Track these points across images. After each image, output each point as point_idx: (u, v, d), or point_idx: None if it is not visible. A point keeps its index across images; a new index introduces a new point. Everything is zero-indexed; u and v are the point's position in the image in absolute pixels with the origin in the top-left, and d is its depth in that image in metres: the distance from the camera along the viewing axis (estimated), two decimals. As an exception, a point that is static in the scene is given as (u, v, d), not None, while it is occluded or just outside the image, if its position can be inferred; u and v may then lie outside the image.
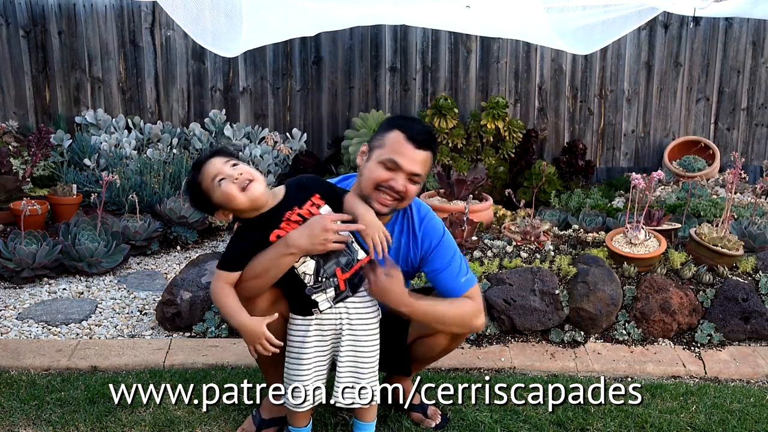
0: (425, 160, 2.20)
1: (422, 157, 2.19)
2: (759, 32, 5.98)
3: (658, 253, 3.43)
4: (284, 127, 5.86)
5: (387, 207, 2.21)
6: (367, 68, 5.83)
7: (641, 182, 3.46)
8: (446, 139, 5.57)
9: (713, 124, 6.13)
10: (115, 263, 4.02)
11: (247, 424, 2.42)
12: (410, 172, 2.18)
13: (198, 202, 2.15)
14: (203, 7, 3.91)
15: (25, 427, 2.44)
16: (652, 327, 3.27)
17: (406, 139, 2.17)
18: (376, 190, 2.19)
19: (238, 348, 3.06)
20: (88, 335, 3.27)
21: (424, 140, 2.19)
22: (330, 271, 2.09)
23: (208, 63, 5.69)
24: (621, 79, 5.99)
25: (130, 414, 2.49)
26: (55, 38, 5.51)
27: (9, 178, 4.53)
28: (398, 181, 2.17)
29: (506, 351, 3.13)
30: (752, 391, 2.83)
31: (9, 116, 5.50)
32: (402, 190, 2.18)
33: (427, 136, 2.21)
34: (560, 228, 4.33)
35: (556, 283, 3.26)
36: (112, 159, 5.07)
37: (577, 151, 5.73)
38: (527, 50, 5.88)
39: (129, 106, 5.70)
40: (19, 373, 2.83)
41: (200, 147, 5.40)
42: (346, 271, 2.11)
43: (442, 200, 4.42)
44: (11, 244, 3.82)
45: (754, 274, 3.46)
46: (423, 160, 2.19)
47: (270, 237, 2.07)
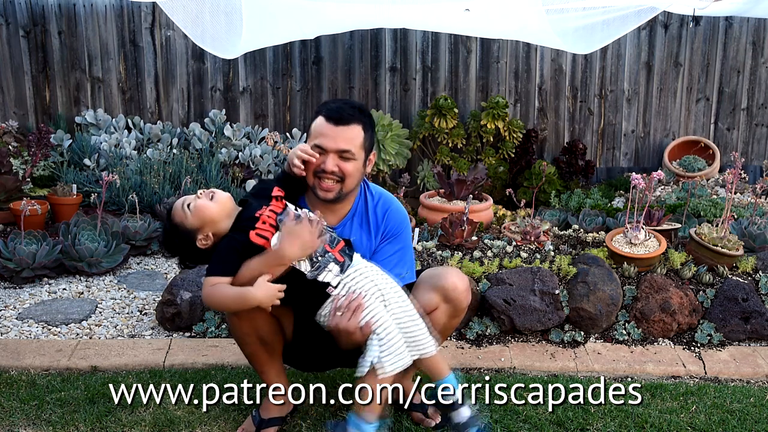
0: (350, 135, 2.21)
1: (346, 133, 2.20)
2: (759, 32, 5.98)
3: (658, 253, 3.43)
4: (284, 127, 5.86)
5: (331, 191, 2.24)
6: (367, 68, 5.83)
7: (641, 182, 3.46)
8: (446, 139, 5.57)
9: (713, 124, 6.13)
10: (115, 263, 4.02)
11: (247, 424, 2.43)
12: (336, 149, 2.20)
13: (176, 241, 2.20)
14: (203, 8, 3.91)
15: (25, 427, 2.44)
16: (652, 327, 3.27)
17: (326, 119, 2.22)
18: (316, 177, 2.24)
19: (238, 348, 3.06)
20: (88, 335, 3.27)
21: (341, 116, 2.20)
22: (320, 251, 2.12)
23: (208, 63, 5.69)
24: (621, 79, 5.99)
25: (130, 414, 2.49)
26: (55, 38, 5.51)
27: (9, 178, 4.53)
28: (327, 162, 2.20)
29: (506, 351, 3.13)
30: (752, 391, 2.83)
31: (9, 116, 5.50)
32: (334, 169, 2.21)
33: (346, 111, 2.21)
34: (560, 228, 4.33)
35: (556, 283, 3.26)
36: (112, 159, 5.07)
37: (577, 151, 5.73)
38: (527, 50, 5.88)
39: (129, 106, 5.70)
40: (19, 373, 2.83)
41: (200, 147, 5.41)
42: (335, 246, 2.16)
43: (442, 200, 4.42)
44: (11, 244, 3.82)
45: (754, 274, 3.46)
46: (348, 137, 2.20)
47: (250, 236, 2.10)
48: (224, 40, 4.12)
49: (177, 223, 2.17)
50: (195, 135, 5.48)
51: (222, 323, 3.27)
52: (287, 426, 2.45)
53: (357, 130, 2.23)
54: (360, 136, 2.24)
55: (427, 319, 2.20)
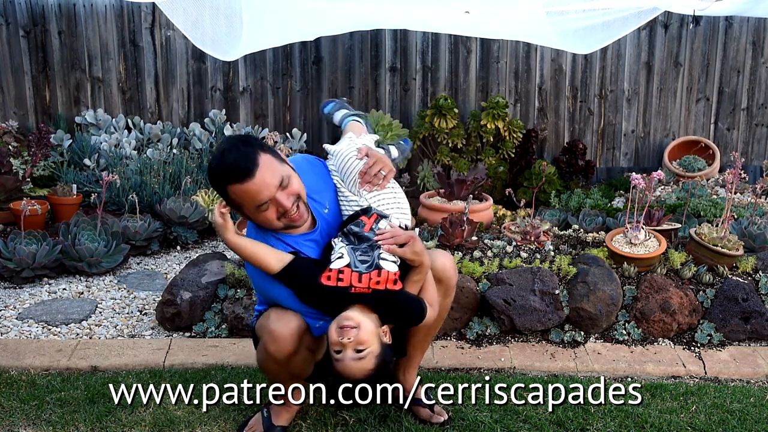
0: (264, 174, 2.07)
1: (261, 178, 2.06)
2: (759, 32, 5.98)
3: (658, 253, 3.43)
4: (284, 127, 5.86)
5: (303, 215, 2.19)
6: (367, 68, 5.83)
7: (641, 182, 3.46)
8: (446, 139, 5.57)
9: (713, 124, 6.13)
10: (115, 263, 4.02)
11: (255, 422, 2.40)
12: (271, 193, 2.09)
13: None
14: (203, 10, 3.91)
15: (25, 427, 2.44)
16: (652, 327, 3.27)
17: (238, 183, 2.07)
18: (283, 224, 2.17)
19: (238, 348, 3.06)
20: (88, 335, 3.27)
21: (245, 170, 2.05)
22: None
23: (208, 63, 5.69)
24: (621, 79, 5.99)
25: (130, 414, 2.49)
26: (55, 38, 5.51)
27: (9, 178, 4.53)
28: (281, 203, 2.11)
29: (506, 351, 3.13)
30: (752, 391, 2.83)
31: (9, 116, 5.50)
32: (289, 203, 2.13)
33: (241, 163, 2.05)
34: (560, 228, 4.33)
35: (556, 283, 3.26)
36: (112, 159, 5.07)
37: (577, 151, 5.73)
38: (527, 50, 5.88)
39: (129, 106, 5.70)
40: (19, 373, 2.83)
41: (200, 147, 5.41)
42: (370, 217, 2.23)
43: (442, 200, 4.42)
44: (11, 244, 3.82)
45: (754, 274, 3.46)
46: (264, 179, 2.07)
47: (321, 279, 2.15)
48: (224, 42, 4.12)
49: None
50: (195, 135, 5.48)
51: (222, 323, 3.27)
52: (287, 426, 2.44)
53: (264, 165, 2.08)
54: (269, 162, 2.10)
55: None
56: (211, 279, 3.39)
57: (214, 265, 3.50)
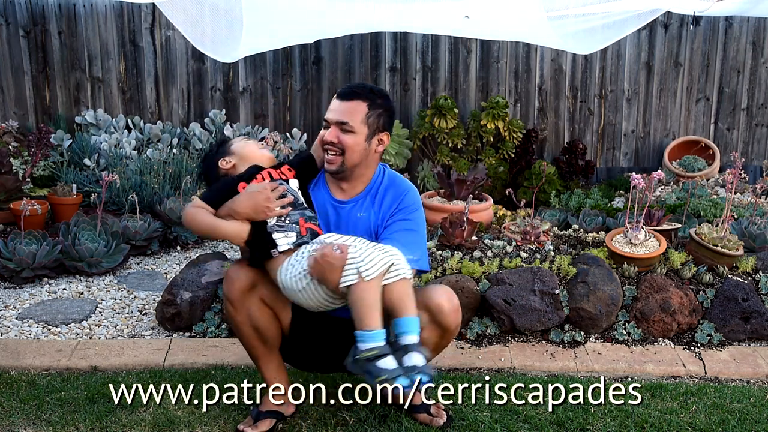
0: (349, 108, 2.33)
1: (345, 107, 2.33)
2: (759, 32, 5.98)
3: (658, 253, 3.43)
4: (284, 127, 5.86)
5: (333, 164, 2.37)
6: (367, 68, 5.83)
7: (641, 182, 3.46)
8: (446, 139, 5.57)
9: (713, 124, 6.13)
10: (115, 263, 4.02)
11: (246, 420, 2.44)
12: (335, 121, 2.34)
13: (210, 152, 2.48)
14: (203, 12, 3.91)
15: (25, 427, 2.44)
16: (652, 327, 3.27)
17: (336, 96, 2.39)
18: (324, 151, 2.39)
19: (238, 348, 3.06)
20: (88, 335, 3.27)
21: (345, 92, 2.36)
22: (294, 219, 2.27)
23: (208, 63, 5.69)
24: (621, 79, 5.99)
25: (130, 414, 2.49)
26: (55, 38, 5.51)
27: (9, 178, 4.53)
28: (328, 133, 2.35)
29: (506, 351, 3.13)
30: (752, 391, 2.83)
31: (9, 116, 5.50)
32: (333, 140, 2.34)
33: (355, 88, 2.37)
34: (560, 228, 4.33)
35: (556, 283, 3.26)
36: (112, 159, 5.07)
37: (577, 151, 5.73)
38: (527, 50, 5.88)
39: (129, 106, 5.70)
40: (19, 373, 2.83)
41: (200, 147, 5.41)
42: (308, 222, 2.29)
43: (442, 200, 4.42)
44: (11, 244, 3.82)
45: (754, 274, 3.46)
46: (346, 109, 2.33)
47: (237, 187, 2.30)
48: (224, 44, 4.12)
49: (223, 140, 2.48)
50: (195, 135, 5.48)
51: (222, 323, 3.27)
52: (287, 426, 2.45)
53: (359, 105, 2.33)
54: (362, 111, 2.33)
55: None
56: (211, 279, 3.40)
57: (214, 265, 3.50)
